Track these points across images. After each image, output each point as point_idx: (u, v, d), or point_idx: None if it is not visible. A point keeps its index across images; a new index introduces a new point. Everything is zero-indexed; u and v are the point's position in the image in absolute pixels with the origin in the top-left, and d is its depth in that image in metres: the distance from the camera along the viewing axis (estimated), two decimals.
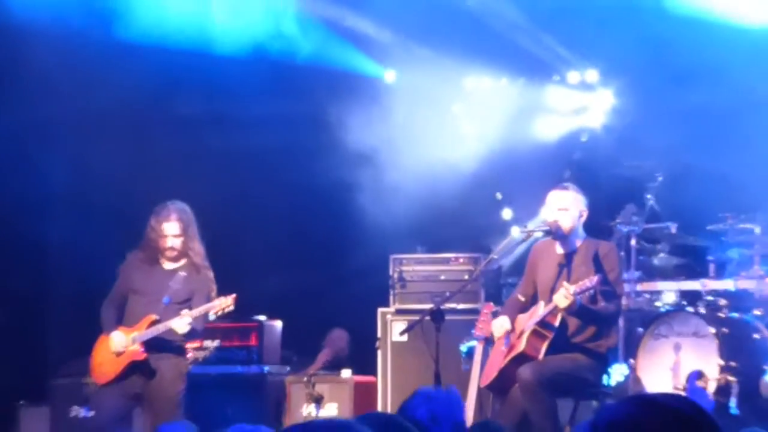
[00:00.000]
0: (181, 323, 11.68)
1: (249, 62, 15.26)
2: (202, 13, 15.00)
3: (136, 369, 11.91)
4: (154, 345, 11.88)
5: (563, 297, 11.01)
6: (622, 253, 13.20)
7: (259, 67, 15.38)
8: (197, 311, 11.79)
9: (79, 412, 14.15)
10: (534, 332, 11.40)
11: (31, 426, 14.14)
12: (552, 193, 11.84)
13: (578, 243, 11.71)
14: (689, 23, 14.88)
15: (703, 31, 14.89)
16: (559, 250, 11.76)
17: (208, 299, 11.98)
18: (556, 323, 11.39)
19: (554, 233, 11.77)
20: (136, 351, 11.83)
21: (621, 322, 12.78)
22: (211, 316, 12.10)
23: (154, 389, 11.93)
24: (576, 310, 11.20)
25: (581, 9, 14.93)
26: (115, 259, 12.48)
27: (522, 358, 11.39)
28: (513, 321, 11.83)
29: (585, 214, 11.81)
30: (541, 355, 11.40)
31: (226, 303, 11.87)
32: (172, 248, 12.07)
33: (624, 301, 12.57)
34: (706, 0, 15.07)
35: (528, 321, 11.53)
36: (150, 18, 14.55)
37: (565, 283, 11.15)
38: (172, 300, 11.93)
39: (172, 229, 12.04)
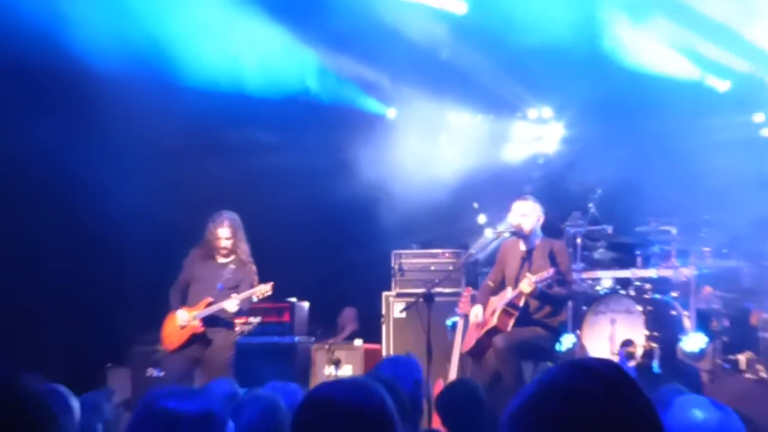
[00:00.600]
0: (231, 304, 11.91)
1: (279, 102, 15.21)
2: (238, 63, 14.94)
3: (196, 339, 12.08)
4: (210, 321, 12.06)
5: (527, 284, 11.24)
6: (571, 249, 13.17)
7: (288, 106, 15.33)
8: (243, 295, 12.01)
9: (152, 372, 14.19)
10: (504, 311, 11.52)
11: (117, 383, 14.14)
12: (516, 202, 11.98)
13: (537, 242, 11.84)
14: (625, 72, 14.85)
15: (636, 78, 14.88)
16: (522, 247, 11.87)
17: (251, 286, 12.16)
18: (521, 304, 11.52)
19: (518, 234, 11.84)
20: (196, 326, 12.03)
21: (570, 302, 12.71)
22: (254, 299, 12.27)
23: (210, 355, 12.13)
24: (537, 294, 11.37)
25: (539, 61, 14.87)
26: (180, 255, 12.54)
27: (494, 331, 11.48)
28: (486, 301, 11.91)
29: (541, 219, 11.95)
30: (509, 328, 11.49)
31: (265, 289, 12.12)
32: (224, 247, 12.26)
33: (572, 289, 12.54)
34: (640, 55, 15.03)
35: (499, 302, 11.65)
36: (199, 66, 14.49)
37: (528, 274, 11.32)
38: (225, 286, 12.13)
39: (224, 233, 12.23)
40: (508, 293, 11.55)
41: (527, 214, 11.79)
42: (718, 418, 4.04)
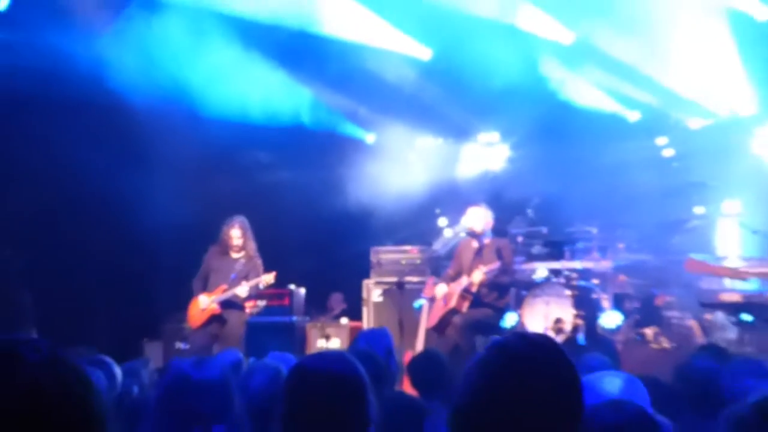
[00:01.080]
0: (241, 290, 12.06)
1: (279, 130, 15.23)
2: (245, 98, 14.92)
3: (215, 319, 12.22)
4: (225, 304, 12.19)
5: (479, 274, 11.44)
6: (513, 246, 13.22)
7: (286, 133, 15.36)
8: (252, 282, 12.15)
9: (180, 345, 14.21)
10: (461, 295, 11.66)
11: (151, 354, 14.14)
12: (470, 208, 12.03)
13: (486, 240, 11.93)
14: (559, 104, 14.94)
15: (568, 109, 14.99)
16: (475, 244, 11.97)
17: (258, 276, 12.24)
18: (474, 290, 11.58)
19: (471, 234, 11.91)
20: (215, 308, 12.16)
21: (512, 288, 12.78)
22: (261, 286, 12.37)
23: (226, 331, 12.25)
24: (486, 282, 11.46)
25: (490, 96, 14.92)
26: (200, 252, 12.69)
27: (453, 311, 11.61)
28: (448, 287, 11.92)
29: (491, 223, 11.99)
30: (464, 309, 11.57)
31: (269, 278, 12.24)
32: (236, 245, 12.37)
33: (514, 275, 12.63)
34: (571, 91, 15.13)
35: (457, 288, 11.66)
36: (214, 102, 14.53)
37: (480, 266, 11.33)
38: (237, 276, 12.22)
39: (236, 233, 12.36)
40: (464, 281, 11.68)
41: (479, 218, 11.88)
42: (624, 384, 4.14)
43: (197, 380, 4.02)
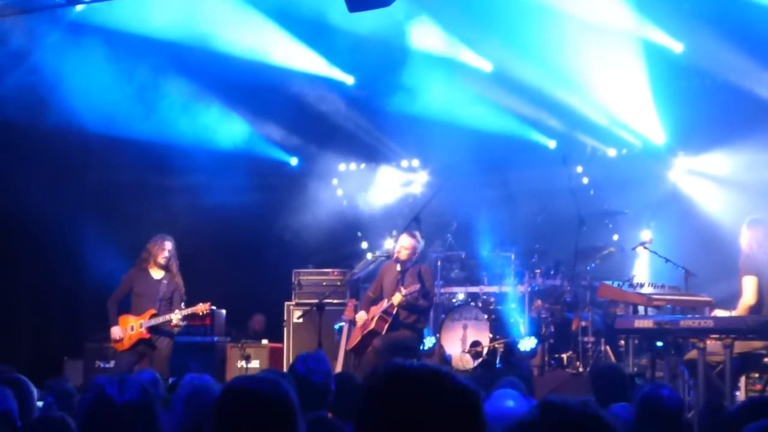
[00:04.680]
0: (175, 317, 11.83)
1: (203, 152, 15.15)
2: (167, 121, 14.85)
3: (142, 342, 11.93)
4: (154, 329, 11.89)
5: (398, 297, 11.29)
6: (433, 270, 13.24)
7: (217, 157, 15.28)
8: (186, 311, 11.97)
9: (101, 364, 13.96)
10: (380, 317, 11.56)
11: (71, 373, 13.87)
12: (403, 235, 12.02)
13: (408, 264, 11.81)
14: (478, 134, 15.01)
15: (487, 139, 15.06)
16: (398, 268, 11.87)
17: (181, 296, 12.08)
18: (394, 312, 11.52)
19: (395, 259, 11.88)
20: (143, 332, 11.86)
21: (431, 312, 12.80)
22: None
23: (155, 354, 11.95)
24: (405, 305, 11.44)
25: (409, 123, 15.02)
26: (124, 270, 12.44)
27: (373, 333, 11.54)
28: (367, 309, 11.95)
29: (418, 253, 11.95)
30: (384, 331, 11.51)
31: (204, 307, 12.02)
32: (165, 258, 12.08)
33: (434, 299, 12.64)
34: (488, 121, 15.25)
35: (377, 310, 11.67)
36: (149, 129, 14.50)
37: (401, 288, 11.34)
38: (163, 298, 11.98)
39: (168, 246, 12.11)
40: (384, 303, 11.62)
41: (408, 248, 11.81)
42: (526, 407, 4.16)
43: (120, 403, 3.95)
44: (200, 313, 12.13)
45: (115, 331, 11.90)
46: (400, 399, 2.63)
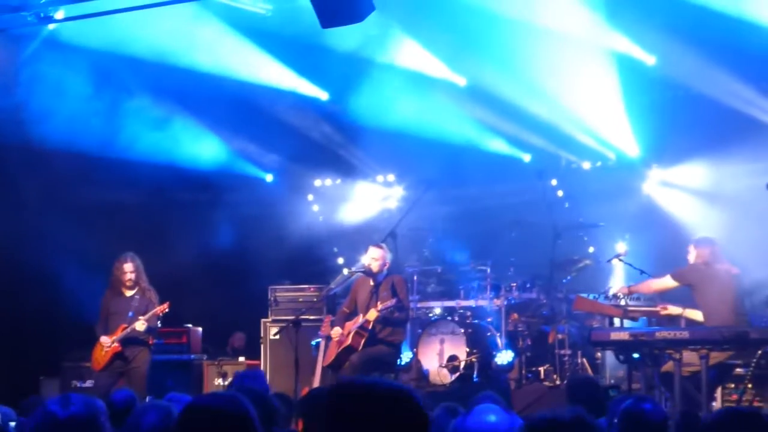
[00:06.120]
0: (139, 325, 11.85)
1: (178, 169, 15.11)
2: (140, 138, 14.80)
3: (117, 357, 11.98)
4: (127, 342, 11.97)
5: (373, 313, 11.29)
6: (409, 284, 13.24)
7: (185, 173, 15.24)
8: (147, 316, 11.94)
9: (77, 384, 13.89)
10: (356, 333, 11.52)
11: (48, 392, 13.76)
12: (371, 247, 11.96)
13: (381, 278, 11.80)
14: (455, 147, 15.07)
15: (464, 152, 15.12)
16: (371, 282, 11.84)
17: (155, 308, 12.08)
18: (370, 327, 11.47)
19: (367, 273, 11.87)
20: (116, 347, 11.93)
21: (408, 325, 12.77)
22: (158, 323, 12.27)
23: (130, 369, 12.04)
24: (381, 320, 11.42)
25: (385, 137, 15.01)
26: (101, 288, 12.46)
27: (350, 349, 11.50)
28: (343, 324, 11.89)
29: (388, 264, 11.92)
30: (360, 347, 11.48)
31: (163, 308, 12.07)
32: (129, 279, 12.17)
33: (410, 311, 12.63)
34: (466, 136, 15.30)
35: (353, 326, 11.63)
36: (114, 139, 14.47)
37: (377, 304, 11.33)
38: (135, 314, 12.03)
39: (129, 267, 12.20)
40: (360, 319, 11.58)
41: (377, 258, 11.80)
42: (508, 422, 4.16)
43: (64, 418, 3.97)
44: (160, 314, 12.09)
45: (104, 340, 12.02)
46: (348, 415, 2.73)
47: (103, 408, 4.19)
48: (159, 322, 12.31)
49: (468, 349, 12.63)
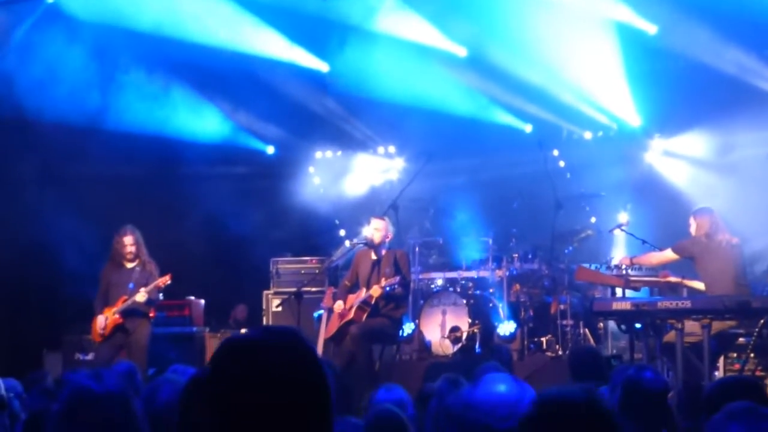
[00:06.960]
0: (140, 296, 11.82)
1: (180, 142, 15.12)
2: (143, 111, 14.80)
3: (118, 329, 11.93)
4: (127, 313, 11.93)
5: (377, 289, 11.30)
6: (411, 256, 13.26)
7: (186, 145, 15.23)
8: (149, 287, 11.88)
9: (80, 356, 13.94)
10: (359, 307, 11.50)
11: (51, 365, 13.81)
12: (373, 219, 11.96)
13: (384, 252, 11.79)
14: (453, 119, 15.04)
15: (462, 123, 15.11)
16: (373, 256, 11.82)
17: (156, 280, 12.05)
18: (372, 302, 11.46)
19: (369, 245, 11.87)
20: (116, 318, 11.88)
21: (410, 298, 12.80)
22: (160, 295, 12.29)
23: (131, 341, 11.96)
24: (384, 296, 11.41)
25: (386, 109, 15.03)
26: (102, 261, 12.43)
27: (352, 322, 11.48)
28: (345, 297, 11.90)
29: (390, 237, 11.93)
30: (363, 320, 11.49)
31: (165, 279, 12.02)
32: (130, 252, 12.13)
33: (411, 285, 12.66)
34: (463, 107, 15.29)
35: (355, 300, 11.61)
36: (115, 112, 14.46)
37: (382, 279, 11.41)
38: (135, 285, 11.99)
39: (128, 240, 12.14)
40: (363, 293, 11.58)
41: (380, 229, 11.78)
42: (518, 392, 4.16)
43: (99, 393, 3.94)
44: (162, 286, 12.05)
45: (99, 320, 11.96)
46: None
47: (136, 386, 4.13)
48: (160, 294, 12.30)
49: (470, 320, 12.64)
